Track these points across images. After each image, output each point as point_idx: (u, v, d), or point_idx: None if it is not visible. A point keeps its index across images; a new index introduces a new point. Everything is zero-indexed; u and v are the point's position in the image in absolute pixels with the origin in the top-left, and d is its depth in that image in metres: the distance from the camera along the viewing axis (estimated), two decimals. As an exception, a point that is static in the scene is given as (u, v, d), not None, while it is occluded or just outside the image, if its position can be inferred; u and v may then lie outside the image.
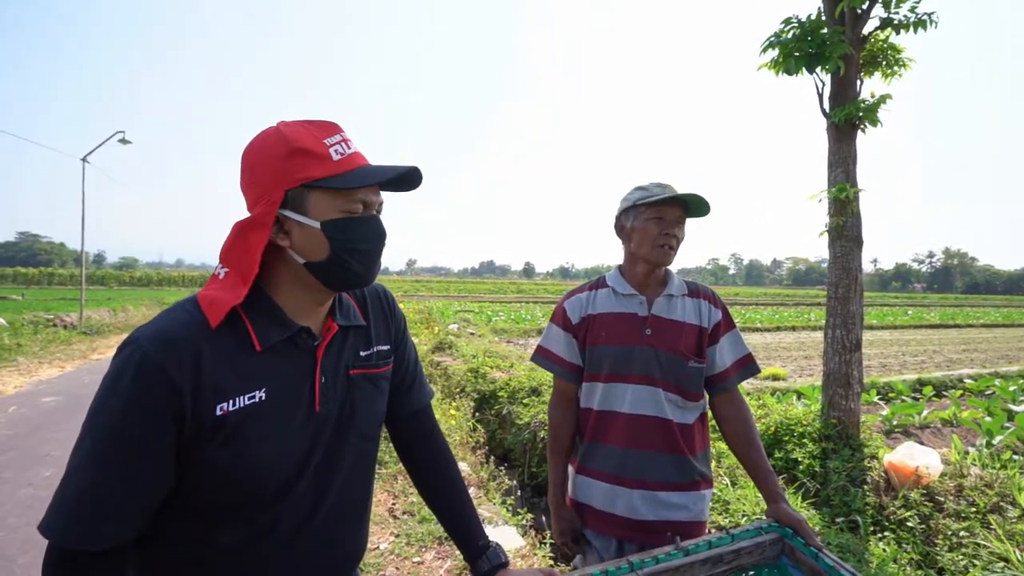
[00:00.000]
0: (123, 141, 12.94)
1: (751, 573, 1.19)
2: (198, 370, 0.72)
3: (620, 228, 1.51)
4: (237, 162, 0.81)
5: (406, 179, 0.82)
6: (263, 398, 0.77)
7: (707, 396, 1.50)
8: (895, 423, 5.95)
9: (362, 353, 0.93)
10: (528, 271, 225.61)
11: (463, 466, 4.03)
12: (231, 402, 0.74)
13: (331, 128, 0.79)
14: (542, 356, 1.57)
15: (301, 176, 0.75)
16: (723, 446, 3.92)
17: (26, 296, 21.32)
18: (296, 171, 0.75)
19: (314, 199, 0.77)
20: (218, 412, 0.73)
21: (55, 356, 9.25)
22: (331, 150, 0.77)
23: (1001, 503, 3.06)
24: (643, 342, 1.42)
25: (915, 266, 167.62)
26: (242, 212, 0.80)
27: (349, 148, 0.79)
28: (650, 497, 1.39)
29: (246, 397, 0.75)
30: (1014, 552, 2.61)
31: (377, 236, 0.83)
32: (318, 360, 0.84)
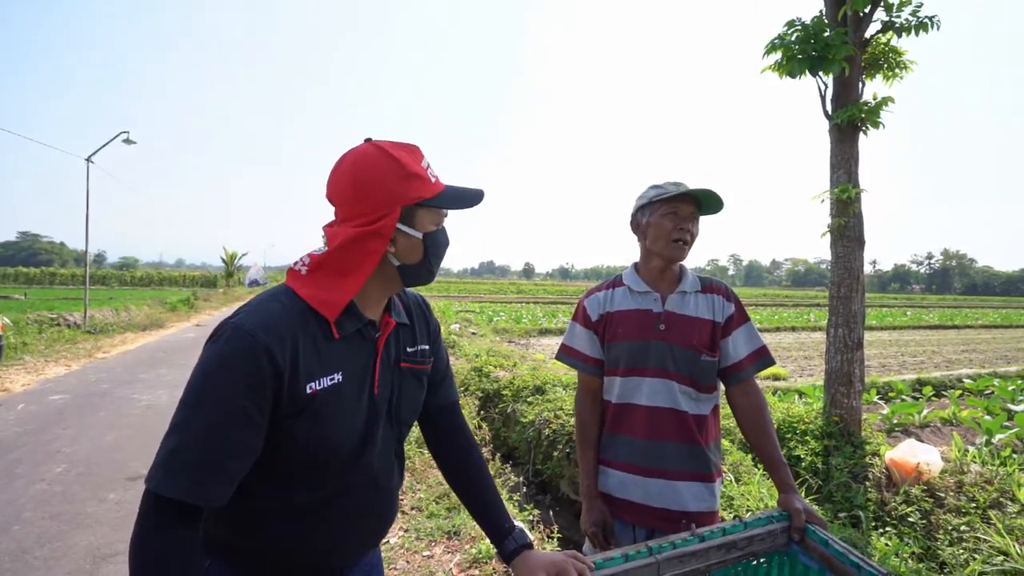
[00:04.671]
0: (127, 141, 12.94)
1: (763, 560, 1.24)
2: (295, 354, 0.84)
3: (636, 225, 1.57)
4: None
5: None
6: (340, 380, 0.90)
7: (721, 387, 1.55)
8: (895, 422, 6.01)
9: (409, 349, 1.05)
10: (528, 271, 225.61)
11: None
12: (317, 382, 0.86)
13: (419, 151, 0.94)
14: (566, 354, 1.63)
15: (414, 196, 0.90)
16: (725, 442, 3.97)
17: (28, 296, 21.33)
18: (411, 191, 0.90)
19: (420, 215, 0.93)
20: (308, 391, 0.85)
21: (61, 355, 9.29)
22: (428, 173, 0.93)
23: (1001, 499, 3.11)
24: (657, 337, 1.47)
25: (913, 267, 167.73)
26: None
27: (434, 170, 0.95)
28: (666, 486, 1.45)
29: (327, 379, 0.88)
30: (1014, 546, 2.66)
31: (448, 242, 1.00)
32: (379, 350, 0.98)
